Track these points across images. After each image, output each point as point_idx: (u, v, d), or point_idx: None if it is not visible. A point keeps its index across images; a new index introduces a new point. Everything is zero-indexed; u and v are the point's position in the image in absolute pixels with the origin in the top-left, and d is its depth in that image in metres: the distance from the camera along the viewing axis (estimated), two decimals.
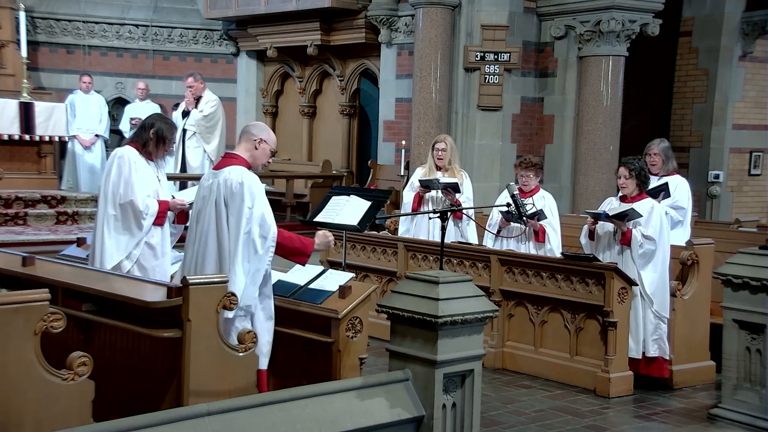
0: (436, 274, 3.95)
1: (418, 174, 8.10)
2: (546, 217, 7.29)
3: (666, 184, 7.55)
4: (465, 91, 11.02)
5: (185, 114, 11.00)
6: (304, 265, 5.18)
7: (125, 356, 4.71)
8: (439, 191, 7.81)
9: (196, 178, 10.29)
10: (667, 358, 6.71)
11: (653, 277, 6.61)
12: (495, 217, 7.57)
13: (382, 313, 3.98)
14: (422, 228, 8.08)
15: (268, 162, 5.22)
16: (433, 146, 8.03)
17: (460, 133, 11.05)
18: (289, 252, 5.00)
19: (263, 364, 4.92)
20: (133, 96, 14.14)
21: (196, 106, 11.01)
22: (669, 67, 12.54)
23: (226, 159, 5.06)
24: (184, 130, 10.90)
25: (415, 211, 7.88)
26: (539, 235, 7.30)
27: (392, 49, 12.23)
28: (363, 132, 14.03)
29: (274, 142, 5.16)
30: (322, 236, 5.20)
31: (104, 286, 4.78)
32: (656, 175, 7.62)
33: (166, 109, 13.62)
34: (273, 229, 4.86)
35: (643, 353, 6.68)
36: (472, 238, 7.88)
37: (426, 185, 7.84)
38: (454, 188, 7.71)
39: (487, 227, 7.61)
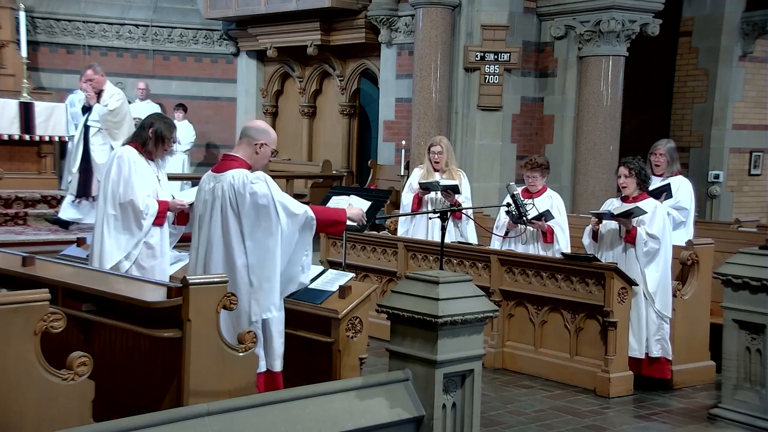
0: (436, 274, 3.94)
1: (416, 175, 8.09)
2: (553, 218, 7.27)
3: (668, 184, 7.54)
4: (465, 91, 11.02)
5: (86, 110, 10.16)
6: (341, 233, 5.16)
7: (125, 356, 4.70)
8: (439, 193, 7.81)
9: (199, 179, 10.27)
10: (669, 358, 6.71)
11: (656, 276, 6.61)
12: (502, 219, 7.52)
13: (382, 313, 3.98)
14: (420, 228, 8.08)
15: (269, 161, 5.18)
16: (429, 149, 8.02)
17: (460, 133, 11.06)
18: (325, 225, 5.00)
19: (278, 366, 4.92)
20: (133, 96, 14.14)
21: (98, 101, 10.12)
22: (669, 67, 12.54)
23: (226, 161, 4.95)
24: (87, 127, 10.11)
25: (414, 212, 7.87)
26: (547, 236, 7.28)
27: (392, 49, 12.23)
28: (363, 132, 14.03)
29: (275, 142, 5.06)
30: (358, 210, 5.19)
31: (104, 286, 4.78)
32: (660, 175, 7.62)
33: (166, 109, 13.64)
34: (307, 210, 4.84)
35: (646, 353, 6.68)
36: (472, 237, 7.88)
37: (426, 187, 7.83)
38: (454, 190, 7.71)
39: (494, 230, 7.58)
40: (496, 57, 10.88)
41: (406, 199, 8.05)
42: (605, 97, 10.60)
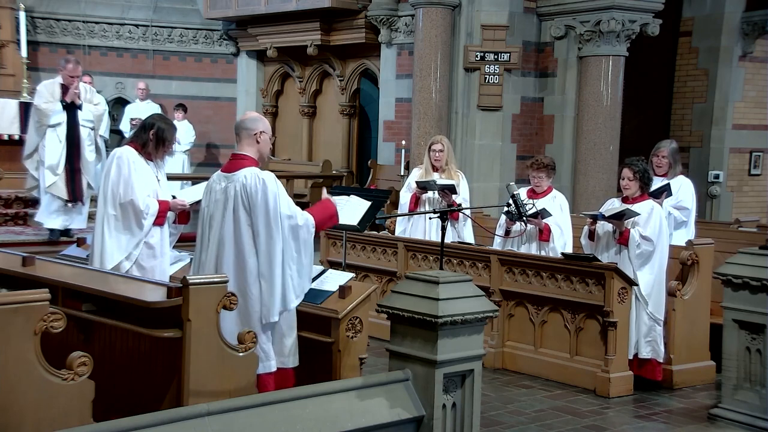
0: (436, 274, 3.94)
1: (415, 175, 8.11)
2: (550, 215, 7.27)
3: (668, 184, 7.54)
4: (465, 91, 11.02)
5: (68, 107, 9.19)
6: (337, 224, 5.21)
7: (125, 356, 4.71)
8: (436, 192, 7.82)
9: (199, 178, 10.25)
10: (661, 360, 6.71)
11: (649, 278, 6.60)
12: (503, 218, 7.50)
13: (382, 313, 3.98)
14: (418, 228, 8.08)
15: (270, 149, 5.22)
16: (430, 147, 8.03)
17: (460, 133, 11.05)
18: (323, 221, 5.01)
19: (291, 362, 4.92)
20: (133, 96, 14.15)
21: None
22: (669, 67, 12.54)
23: (236, 161, 4.96)
24: (78, 126, 9.29)
25: (412, 211, 7.88)
26: (544, 233, 7.28)
27: (392, 49, 12.23)
28: (363, 132, 14.03)
29: (269, 128, 5.14)
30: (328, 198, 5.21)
31: (104, 286, 4.79)
32: (663, 176, 7.61)
33: (166, 110, 13.64)
34: (307, 217, 4.85)
35: (636, 354, 6.68)
36: (469, 238, 7.88)
37: (423, 187, 7.84)
38: (451, 190, 7.71)
39: (496, 231, 7.57)
40: (496, 57, 10.88)
41: (404, 198, 8.07)
42: (605, 97, 10.59)
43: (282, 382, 4.84)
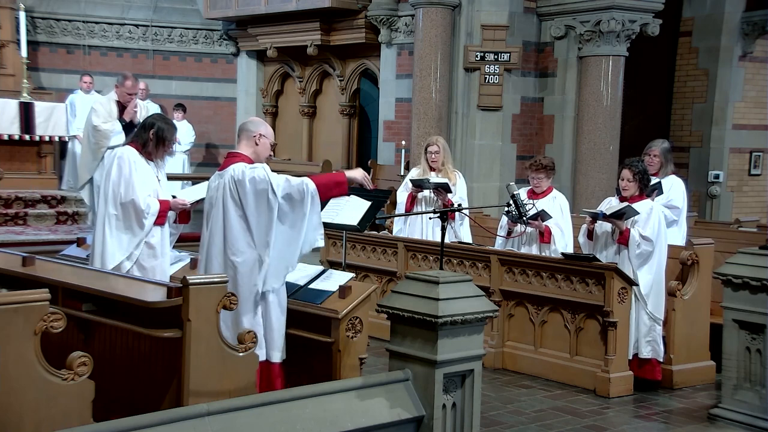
0: (436, 274, 3.95)
1: (413, 175, 8.17)
2: (551, 217, 7.26)
3: (658, 182, 7.55)
4: (465, 91, 11.02)
5: (126, 126, 8.36)
6: (348, 194, 5.14)
7: (125, 356, 4.71)
8: (431, 191, 7.84)
9: (199, 178, 10.23)
10: (661, 360, 6.71)
11: (648, 278, 6.60)
12: (505, 219, 7.51)
13: (382, 313, 3.98)
14: (416, 227, 8.10)
15: (270, 155, 5.25)
16: (426, 148, 8.07)
17: (460, 133, 11.05)
18: (328, 188, 4.95)
19: (278, 357, 4.94)
20: None
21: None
22: (669, 67, 12.54)
23: (229, 159, 5.06)
24: None
25: (409, 211, 7.90)
26: (544, 236, 7.27)
27: (392, 49, 12.23)
28: (363, 132, 14.03)
29: (272, 135, 5.21)
30: (359, 170, 5.17)
31: (104, 286, 4.79)
32: (654, 175, 7.62)
33: (166, 110, 13.64)
34: (304, 181, 4.84)
35: (636, 355, 6.68)
36: (466, 237, 7.89)
37: (418, 185, 7.88)
38: (445, 188, 7.74)
39: (498, 232, 7.57)
40: (496, 57, 10.88)
41: (401, 198, 8.10)
42: (605, 97, 10.59)
43: (267, 375, 4.85)
